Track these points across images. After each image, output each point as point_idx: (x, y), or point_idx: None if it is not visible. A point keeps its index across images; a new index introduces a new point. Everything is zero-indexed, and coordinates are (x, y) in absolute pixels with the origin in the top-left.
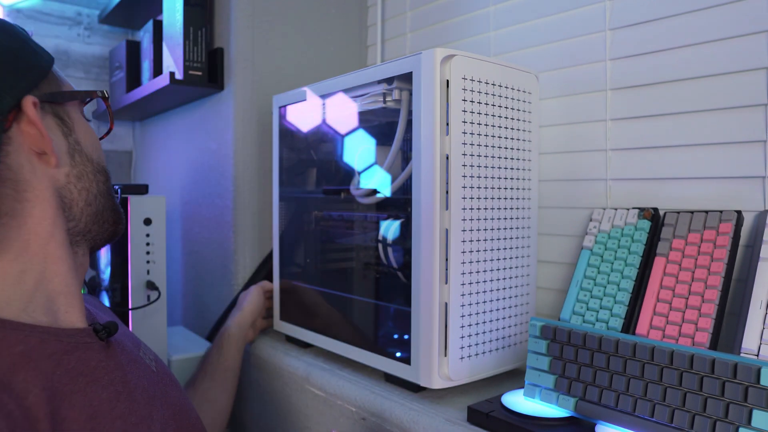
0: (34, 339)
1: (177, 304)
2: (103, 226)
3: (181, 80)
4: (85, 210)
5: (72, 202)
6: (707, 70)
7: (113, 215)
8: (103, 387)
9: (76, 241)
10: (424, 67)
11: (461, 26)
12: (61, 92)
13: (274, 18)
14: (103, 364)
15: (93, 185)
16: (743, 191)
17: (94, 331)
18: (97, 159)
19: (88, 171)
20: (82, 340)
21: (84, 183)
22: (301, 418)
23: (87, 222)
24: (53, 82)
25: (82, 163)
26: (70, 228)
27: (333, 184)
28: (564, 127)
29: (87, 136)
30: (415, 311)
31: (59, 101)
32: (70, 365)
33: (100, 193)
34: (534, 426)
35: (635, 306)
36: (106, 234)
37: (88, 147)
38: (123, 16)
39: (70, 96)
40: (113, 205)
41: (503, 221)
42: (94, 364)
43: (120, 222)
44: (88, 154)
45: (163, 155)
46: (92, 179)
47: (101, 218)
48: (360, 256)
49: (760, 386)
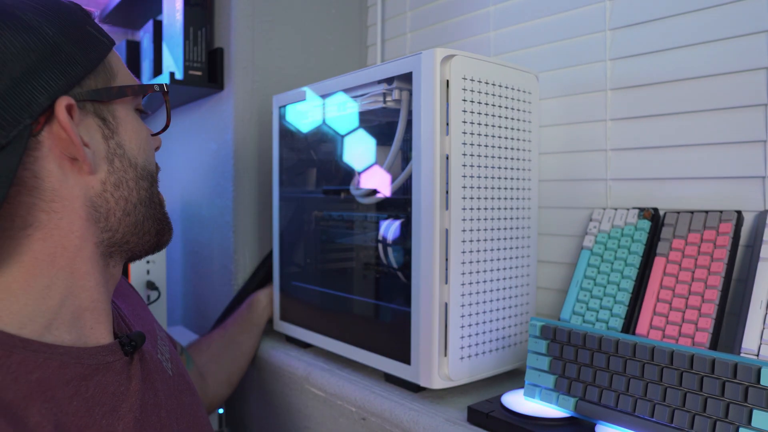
0: (54, 363)
1: (177, 304)
2: (143, 238)
3: (181, 80)
4: (123, 220)
5: (108, 212)
6: (707, 70)
7: (156, 225)
8: (119, 417)
9: (110, 253)
10: (424, 67)
11: (461, 26)
12: (108, 89)
13: (274, 18)
14: (123, 388)
15: (133, 193)
16: (743, 191)
17: (120, 345)
18: (143, 163)
19: (128, 178)
20: (104, 360)
21: (122, 191)
22: (301, 418)
23: (125, 233)
24: (103, 76)
25: (122, 169)
26: (104, 239)
27: (333, 184)
28: (564, 127)
29: (134, 137)
30: (415, 311)
31: (104, 100)
32: (88, 393)
33: (141, 201)
34: (534, 426)
35: (635, 306)
36: (148, 245)
37: (133, 150)
38: (123, 16)
39: (119, 93)
40: (157, 214)
41: (503, 221)
42: (113, 389)
43: (165, 233)
44: (131, 159)
45: (163, 155)
46: (133, 187)
47: (141, 229)
48: (360, 256)
49: (760, 386)
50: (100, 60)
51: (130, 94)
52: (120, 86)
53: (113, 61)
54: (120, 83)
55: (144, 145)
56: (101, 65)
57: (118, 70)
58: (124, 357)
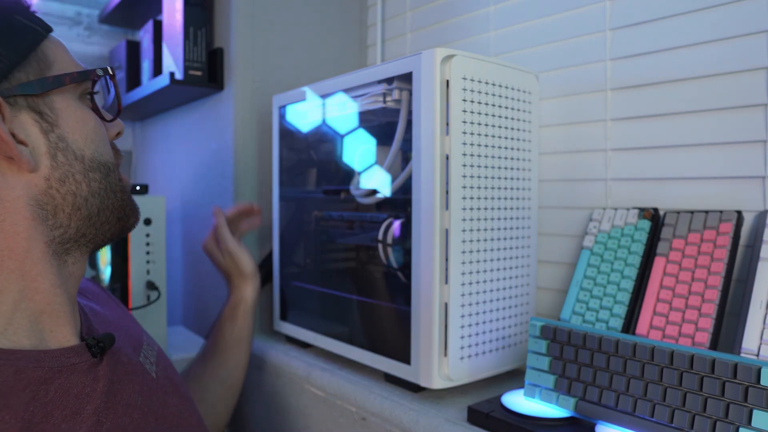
0: (9, 369)
1: (177, 304)
2: (102, 228)
3: (181, 80)
4: (74, 215)
5: (56, 209)
6: (707, 70)
7: (117, 213)
8: (81, 421)
9: (65, 249)
10: (424, 67)
11: (461, 26)
12: (42, 80)
13: (274, 18)
14: (88, 389)
15: (82, 187)
16: (743, 191)
17: (87, 347)
18: (91, 155)
19: (74, 171)
20: (68, 362)
21: (69, 186)
22: (301, 418)
23: (79, 227)
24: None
25: (67, 163)
26: (56, 237)
27: (333, 184)
28: (564, 127)
29: (78, 127)
30: (415, 311)
31: (38, 92)
32: (47, 397)
33: (93, 194)
34: (534, 426)
35: (635, 306)
36: (110, 234)
37: (78, 142)
38: (123, 16)
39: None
40: (116, 202)
41: (503, 221)
42: (77, 391)
43: (128, 218)
44: (76, 151)
45: (163, 155)
46: (81, 180)
47: (97, 220)
48: (360, 256)
49: (760, 386)
50: (30, 50)
51: (68, 82)
52: (56, 75)
53: (50, 49)
54: (58, 72)
55: (92, 135)
56: (33, 55)
57: (56, 58)
58: (91, 359)
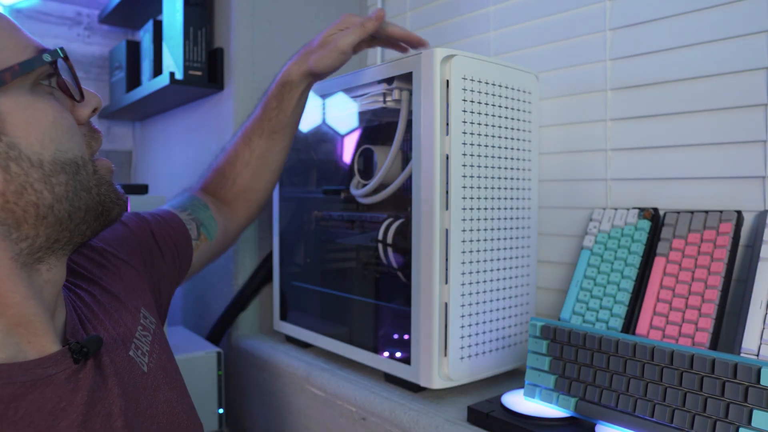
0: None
1: (177, 304)
2: (78, 228)
3: (181, 80)
4: (41, 224)
5: (18, 222)
6: (707, 70)
7: (95, 208)
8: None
9: (37, 259)
10: (424, 67)
11: (461, 26)
12: None
13: (274, 18)
14: (63, 404)
15: (44, 194)
16: (743, 191)
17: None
18: (52, 156)
19: (32, 180)
20: (44, 374)
21: (29, 197)
22: (301, 418)
23: (49, 234)
24: None
25: (22, 173)
26: (23, 249)
27: (333, 184)
28: (564, 127)
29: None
30: (415, 311)
31: None
32: (18, 415)
33: (58, 199)
34: (534, 426)
35: (635, 306)
36: (90, 231)
37: (33, 146)
38: (123, 16)
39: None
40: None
41: (503, 221)
42: (51, 406)
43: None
44: (32, 157)
45: (163, 155)
46: (41, 188)
47: (71, 223)
48: (360, 256)
49: (760, 386)
50: None
51: (10, 79)
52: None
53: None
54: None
55: (51, 133)
56: None
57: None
58: (72, 366)
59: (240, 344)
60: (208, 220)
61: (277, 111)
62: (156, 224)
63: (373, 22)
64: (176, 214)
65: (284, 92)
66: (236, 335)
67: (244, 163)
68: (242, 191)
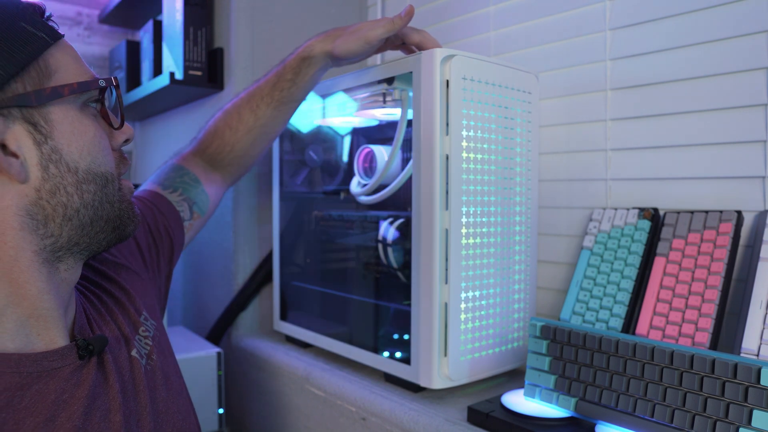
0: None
1: (177, 304)
2: (96, 237)
3: (181, 80)
4: (65, 225)
5: (47, 219)
6: (707, 70)
7: (113, 222)
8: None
9: (57, 257)
10: (424, 67)
11: (461, 26)
12: (39, 91)
13: (274, 18)
14: (66, 396)
15: (74, 198)
16: (743, 191)
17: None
18: (86, 167)
19: (66, 184)
20: (49, 366)
21: (60, 198)
22: (301, 418)
23: (71, 236)
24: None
25: (58, 175)
26: (47, 246)
27: (333, 184)
28: (564, 127)
29: (75, 139)
30: (415, 311)
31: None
32: (22, 404)
33: (85, 205)
34: (534, 426)
35: (635, 306)
36: (106, 242)
37: (73, 154)
38: (123, 16)
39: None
40: (112, 212)
41: (503, 221)
42: (54, 397)
43: (126, 226)
44: (69, 164)
45: (163, 155)
46: (72, 192)
47: (91, 230)
48: (360, 256)
49: (760, 386)
50: (31, 59)
51: (67, 94)
52: (54, 87)
53: (54, 58)
54: (58, 82)
55: (89, 147)
56: (33, 65)
57: (59, 67)
58: (76, 361)
59: (240, 344)
60: (199, 196)
61: (291, 83)
62: (150, 217)
63: (402, 19)
64: (165, 196)
65: (302, 66)
66: (236, 335)
67: (247, 129)
68: (239, 156)
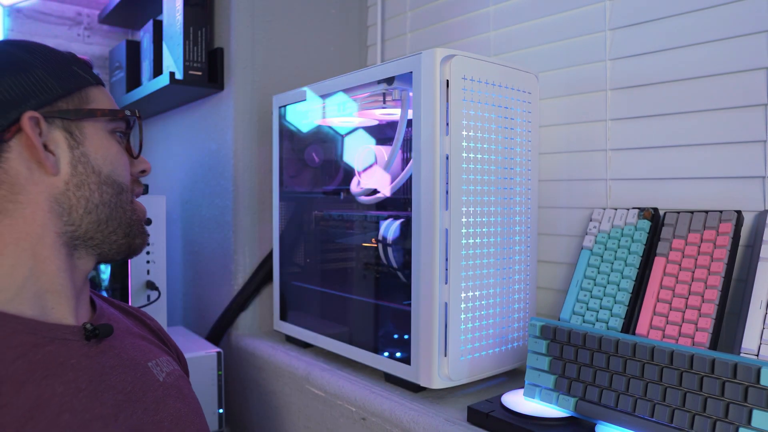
0: (6, 330)
1: (177, 304)
2: (109, 237)
3: (181, 80)
4: (85, 217)
5: (71, 208)
6: (707, 70)
7: (125, 228)
8: (62, 382)
9: (75, 245)
10: (424, 67)
11: (461, 26)
12: (77, 110)
13: (274, 18)
14: (74, 361)
15: (95, 194)
16: (743, 191)
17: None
18: (108, 173)
19: (90, 181)
20: (60, 335)
21: (84, 192)
22: (301, 418)
23: (88, 228)
24: (77, 101)
25: (84, 173)
26: (68, 231)
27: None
28: (564, 127)
29: (101, 151)
30: (415, 311)
31: (72, 118)
32: (36, 358)
33: (103, 203)
34: (534, 426)
35: (635, 306)
36: (116, 246)
37: (98, 160)
38: (123, 16)
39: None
40: (125, 218)
41: (503, 221)
42: (62, 360)
43: (135, 237)
44: (95, 166)
45: (163, 155)
46: (94, 189)
47: (105, 228)
48: (360, 256)
49: (760, 386)
50: (75, 89)
51: (99, 115)
52: (90, 108)
53: (93, 93)
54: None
55: (112, 158)
56: (76, 93)
57: (96, 99)
58: (83, 340)
59: (240, 344)
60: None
61: None
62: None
63: None
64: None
65: None
66: (236, 335)
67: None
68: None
